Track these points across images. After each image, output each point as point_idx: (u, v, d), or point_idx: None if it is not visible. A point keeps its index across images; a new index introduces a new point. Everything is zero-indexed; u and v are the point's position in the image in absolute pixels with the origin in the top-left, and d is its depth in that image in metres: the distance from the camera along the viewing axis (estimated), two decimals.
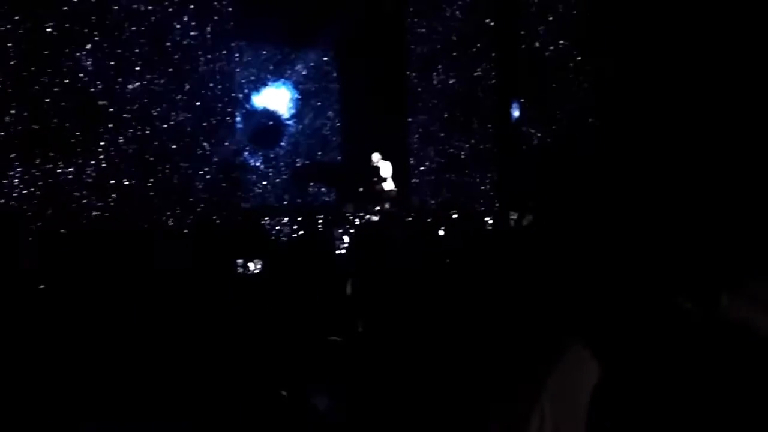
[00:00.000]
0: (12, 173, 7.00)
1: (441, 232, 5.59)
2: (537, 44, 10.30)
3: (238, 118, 9.30)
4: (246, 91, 9.63)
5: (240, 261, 3.34)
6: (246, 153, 9.59)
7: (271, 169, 9.95)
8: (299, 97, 10.20)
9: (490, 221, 6.66)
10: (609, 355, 1.19)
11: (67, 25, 7.34)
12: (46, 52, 7.21)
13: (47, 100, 7.20)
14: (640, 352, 1.28)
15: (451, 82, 10.57)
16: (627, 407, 1.00)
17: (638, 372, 1.11)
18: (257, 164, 9.77)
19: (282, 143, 10.12)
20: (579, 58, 9.52)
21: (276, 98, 9.97)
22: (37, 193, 7.12)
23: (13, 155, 7.00)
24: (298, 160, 10.24)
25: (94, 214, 7.46)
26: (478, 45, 10.54)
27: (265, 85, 9.89)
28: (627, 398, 1.02)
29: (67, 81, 7.33)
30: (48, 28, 7.24)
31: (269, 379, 2.33)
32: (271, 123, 9.86)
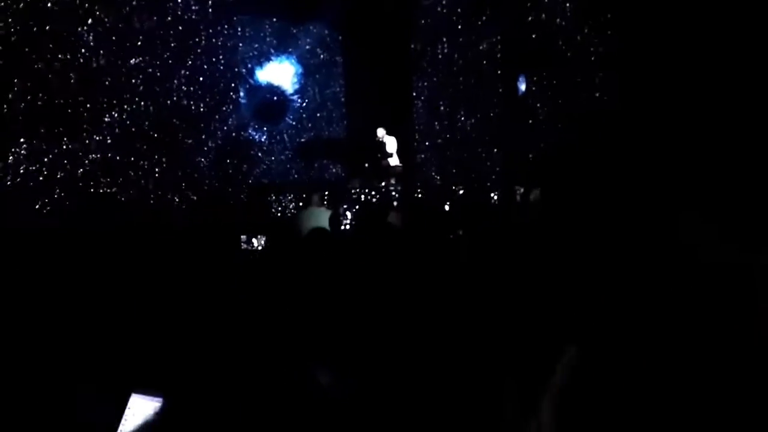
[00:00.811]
0: (16, 149, 7.00)
1: (446, 207, 5.58)
2: (543, 16, 10.13)
3: (242, 94, 9.23)
4: (249, 66, 9.53)
5: (244, 237, 3.34)
6: (250, 129, 9.54)
7: (275, 145, 9.91)
8: (303, 72, 10.10)
9: (496, 196, 6.64)
10: (606, 355, 1.18)
11: (69, 1, 7.26)
12: (47, 27, 7.14)
13: (50, 76, 7.15)
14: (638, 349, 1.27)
15: (456, 56, 10.43)
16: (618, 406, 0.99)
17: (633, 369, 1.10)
18: (262, 140, 9.73)
19: (287, 118, 10.05)
20: (586, 30, 9.36)
21: (280, 73, 9.87)
22: (43, 169, 7.12)
23: (17, 131, 6.99)
24: (303, 135, 10.18)
25: (100, 189, 7.47)
26: (484, 18, 10.37)
27: (269, 59, 9.78)
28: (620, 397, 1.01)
29: (68, 56, 7.26)
30: (49, 2, 7.15)
31: (272, 356, 2.34)
32: (275, 98, 9.79)
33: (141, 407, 1.75)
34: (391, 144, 8.91)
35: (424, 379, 2.16)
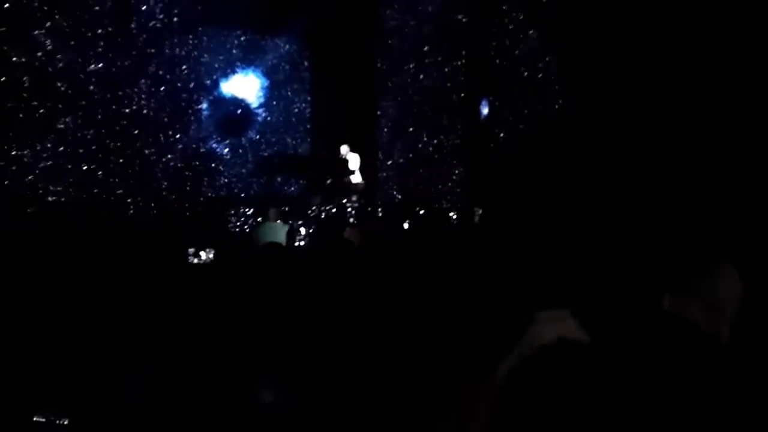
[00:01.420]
0: None
1: (405, 226, 5.60)
2: (507, 42, 10.37)
3: (204, 105, 9.11)
4: (213, 77, 9.43)
5: (191, 250, 3.26)
6: (212, 141, 9.41)
7: (236, 158, 9.78)
8: (268, 85, 10.05)
9: (455, 216, 6.71)
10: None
11: (26, 2, 7.07)
12: (2, 29, 6.93)
13: (2, 78, 6.92)
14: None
15: (421, 77, 10.57)
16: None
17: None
18: (223, 153, 9.60)
19: (249, 132, 9.96)
20: (548, 57, 9.62)
21: (244, 86, 9.79)
22: None
23: None
24: (265, 149, 10.09)
25: (49, 199, 7.22)
26: (450, 41, 10.56)
27: (234, 72, 9.69)
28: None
29: (24, 60, 7.05)
30: (6, 4, 6.95)
31: (219, 370, 2.29)
32: (238, 111, 9.69)
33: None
34: (353, 161, 8.92)
35: (375, 393, 2.15)
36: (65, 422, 1.68)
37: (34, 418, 1.72)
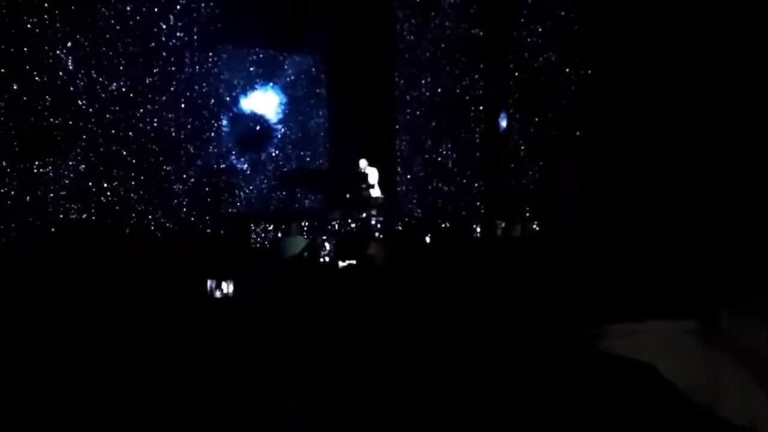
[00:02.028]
0: None
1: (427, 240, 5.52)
2: (526, 54, 10.32)
3: (224, 122, 9.16)
4: (233, 94, 9.49)
5: (212, 282, 3.17)
6: (232, 157, 9.45)
7: (257, 174, 9.81)
8: (287, 101, 10.09)
9: (478, 230, 6.61)
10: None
11: (48, 22, 7.18)
12: (25, 49, 7.04)
13: (25, 98, 7.01)
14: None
15: (439, 90, 10.54)
16: None
17: None
18: (243, 168, 9.63)
19: (269, 148, 9.99)
20: (567, 69, 9.54)
21: (263, 102, 9.84)
22: (13, 193, 6.91)
23: None
24: (284, 165, 10.10)
25: (72, 216, 7.26)
26: (468, 54, 10.54)
27: (253, 88, 9.75)
28: None
29: (46, 78, 7.14)
30: (29, 24, 7.07)
31: (239, 388, 2.22)
32: (257, 127, 9.73)
33: None
34: (372, 175, 8.88)
35: (402, 411, 2.06)
36: None
37: None
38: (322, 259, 6.15)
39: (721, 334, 1.41)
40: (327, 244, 6.65)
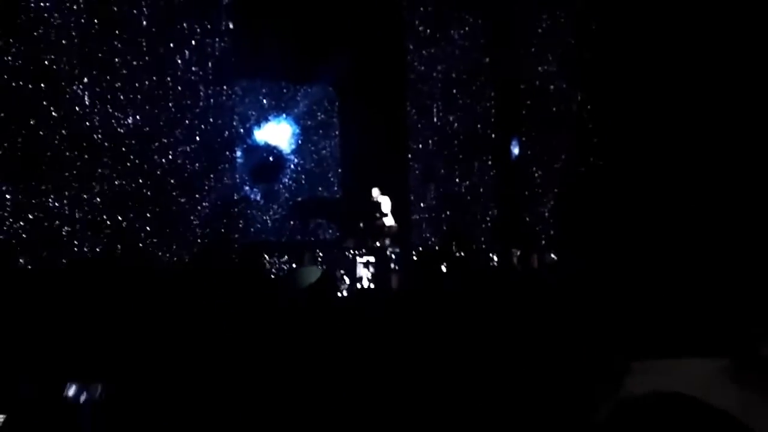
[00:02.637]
0: (2, 204, 6.87)
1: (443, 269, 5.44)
2: (537, 83, 10.37)
3: (238, 153, 9.23)
4: (246, 126, 9.59)
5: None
6: (245, 188, 9.50)
7: (270, 204, 9.84)
8: (299, 132, 10.17)
9: (495, 258, 6.54)
10: None
11: (66, 57, 7.33)
12: (43, 85, 7.18)
13: (42, 132, 7.12)
14: None
15: (451, 119, 10.59)
16: None
17: None
18: (256, 199, 9.67)
19: (282, 178, 10.04)
20: (580, 97, 9.55)
21: (276, 133, 9.93)
22: (28, 227, 6.97)
23: (5, 187, 6.89)
24: (298, 195, 10.14)
25: (86, 249, 7.29)
26: (478, 83, 10.61)
27: (266, 120, 9.86)
28: None
29: (62, 113, 7.26)
30: (46, 60, 7.22)
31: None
32: (271, 158, 9.80)
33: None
34: (385, 204, 8.87)
35: None
36: None
37: None
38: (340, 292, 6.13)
39: (756, 373, 1.34)
40: (346, 279, 6.61)
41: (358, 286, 7.17)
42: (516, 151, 10.70)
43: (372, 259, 7.74)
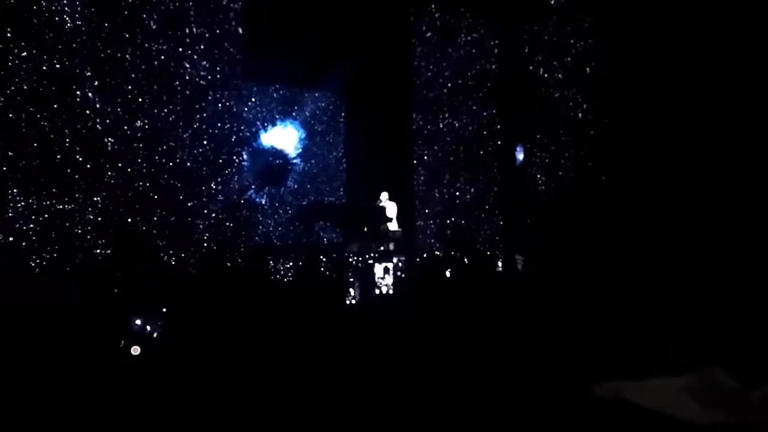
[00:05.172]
0: (13, 207, 6.95)
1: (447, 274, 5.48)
2: (543, 89, 10.40)
3: (245, 157, 9.30)
4: (253, 130, 9.66)
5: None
6: (252, 192, 9.56)
7: (276, 208, 9.90)
8: (306, 136, 10.23)
9: (499, 264, 6.57)
10: None
11: (76, 61, 7.43)
12: (53, 88, 7.27)
13: (52, 135, 7.21)
14: None
15: (457, 125, 10.63)
16: None
17: None
18: (263, 203, 9.72)
19: (288, 182, 10.09)
20: (585, 105, 9.58)
21: (283, 138, 9.99)
22: (38, 228, 7.04)
23: (15, 189, 6.97)
24: (304, 199, 10.19)
25: (95, 251, 7.36)
26: (485, 89, 10.65)
27: (273, 124, 9.92)
28: None
29: (73, 117, 7.36)
30: (57, 64, 7.31)
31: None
32: (277, 162, 9.86)
33: None
34: (391, 209, 8.90)
35: None
36: None
37: None
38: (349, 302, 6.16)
39: (717, 391, 1.37)
40: (357, 284, 6.64)
41: (364, 290, 7.21)
42: (521, 157, 10.74)
43: (377, 264, 7.78)
